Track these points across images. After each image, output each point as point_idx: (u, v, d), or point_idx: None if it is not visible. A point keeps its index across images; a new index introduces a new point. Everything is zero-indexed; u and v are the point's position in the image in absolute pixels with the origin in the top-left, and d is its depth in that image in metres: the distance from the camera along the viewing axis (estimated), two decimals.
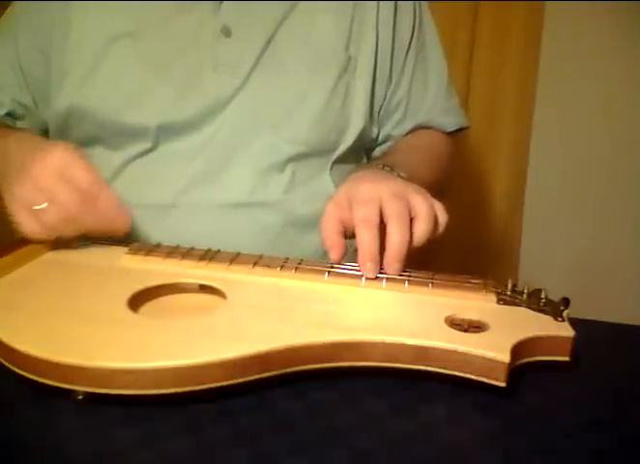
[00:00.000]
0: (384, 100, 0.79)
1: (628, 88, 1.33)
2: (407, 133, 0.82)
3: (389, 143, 0.83)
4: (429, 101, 0.82)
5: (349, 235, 0.55)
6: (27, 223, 0.54)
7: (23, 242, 0.57)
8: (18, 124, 0.77)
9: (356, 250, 0.52)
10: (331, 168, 0.76)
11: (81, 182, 0.54)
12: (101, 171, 0.72)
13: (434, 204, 0.55)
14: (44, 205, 0.53)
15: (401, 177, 0.62)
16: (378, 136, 0.82)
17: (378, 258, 0.51)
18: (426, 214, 0.53)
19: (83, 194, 0.54)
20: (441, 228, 0.55)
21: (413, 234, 0.52)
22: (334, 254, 0.54)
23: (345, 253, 0.54)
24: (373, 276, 0.51)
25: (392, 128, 0.82)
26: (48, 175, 0.54)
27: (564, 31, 1.34)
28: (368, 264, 0.51)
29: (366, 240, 0.51)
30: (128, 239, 0.69)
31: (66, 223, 0.54)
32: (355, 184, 0.56)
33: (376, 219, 0.52)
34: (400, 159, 0.71)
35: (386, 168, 0.64)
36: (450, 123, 0.84)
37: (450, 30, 1.32)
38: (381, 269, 0.52)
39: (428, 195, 0.55)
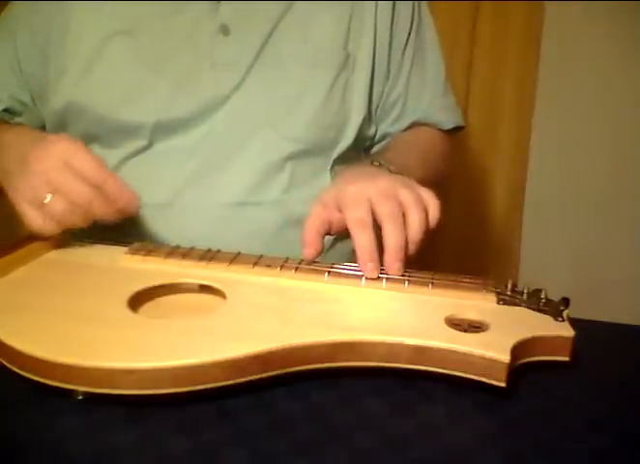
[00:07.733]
0: (382, 97, 0.79)
1: (628, 88, 1.33)
2: (404, 131, 0.82)
3: (386, 140, 0.83)
4: (427, 98, 0.82)
5: (334, 233, 0.56)
6: (34, 218, 0.53)
7: (24, 242, 0.57)
8: (16, 120, 0.77)
9: (354, 251, 0.52)
10: (331, 168, 0.76)
11: (86, 170, 0.53)
12: None
13: (422, 194, 0.55)
14: (49, 197, 0.52)
15: (390, 171, 0.62)
16: (376, 134, 0.82)
17: (378, 258, 0.52)
18: (414, 206, 0.53)
19: (89, 182, 0.53)
20: (432, 216, 0.54)
21: (407, 229, 0.52)
22: (309, 251, 0.54)
23: (320, 253, 0.54)
24: (375, 276, 0.51)
25: (389, 125, 0.82)
26: (52, 167, 0.53)
27: (564, 31, 1.33)
28: (369, 264, 0.51)
29: (364, 241, 0.51)
30: (126, 238, 0.69)
31: (73, 214, 0.53)
32: (342, 185, 0.56)
33: (369, 220, 0.52)
34: (392, 155, 0.71)
35: (375, 163, 0.64)
36: (448, 121, 0.84)
37: (451, 30, 1.32)
38: (382, 269, 0.52)
39: (416, 186, 0.55)
